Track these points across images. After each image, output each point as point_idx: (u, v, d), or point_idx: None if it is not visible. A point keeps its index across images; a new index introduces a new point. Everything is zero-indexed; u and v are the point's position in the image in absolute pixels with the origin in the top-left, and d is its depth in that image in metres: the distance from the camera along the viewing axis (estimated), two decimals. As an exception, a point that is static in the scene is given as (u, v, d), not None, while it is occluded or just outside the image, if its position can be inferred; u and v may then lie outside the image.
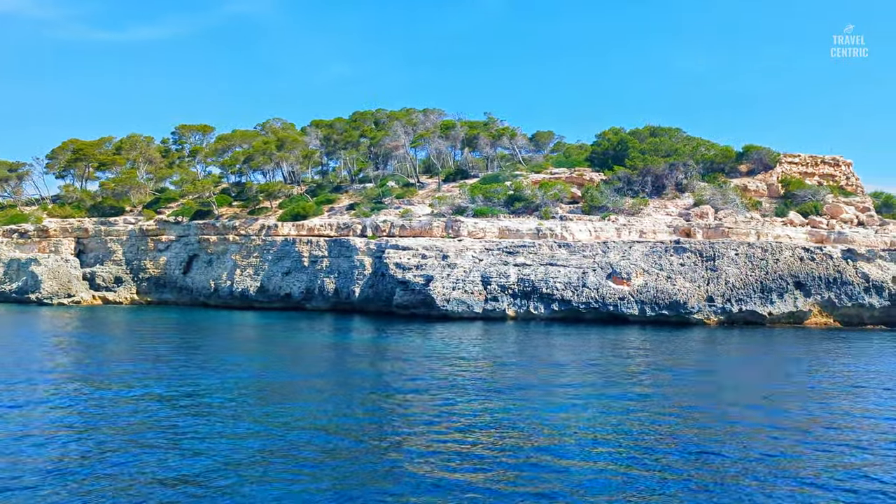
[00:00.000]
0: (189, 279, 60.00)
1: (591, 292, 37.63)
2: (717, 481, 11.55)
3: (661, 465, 12.36)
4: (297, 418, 15.67)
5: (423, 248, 43.85)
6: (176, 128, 75.65)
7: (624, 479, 11.55)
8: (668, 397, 18.34)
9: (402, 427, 14.95)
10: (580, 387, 19.52)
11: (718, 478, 11.73)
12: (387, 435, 14.28)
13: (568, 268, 39.25)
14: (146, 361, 24.23)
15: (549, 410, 16.62)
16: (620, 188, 49.33)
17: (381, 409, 16.85)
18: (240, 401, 17.66)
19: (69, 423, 15.09)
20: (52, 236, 65.70)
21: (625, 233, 44.21)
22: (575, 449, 13.31)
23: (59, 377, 21.00)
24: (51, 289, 57.78)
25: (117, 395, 18.24)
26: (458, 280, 40.28)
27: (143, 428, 14.76)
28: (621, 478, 11.65)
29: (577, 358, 25.42)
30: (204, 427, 14.79)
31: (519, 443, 13.72)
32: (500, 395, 18.36)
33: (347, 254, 49.10)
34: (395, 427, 14.95)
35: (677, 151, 50.21)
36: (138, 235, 63.16)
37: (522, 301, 38.97)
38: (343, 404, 17.30)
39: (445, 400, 17.69)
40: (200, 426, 14.88)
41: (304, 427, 14.84)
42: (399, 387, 19.56)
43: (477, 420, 15.62)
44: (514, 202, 49.84)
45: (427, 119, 60.72)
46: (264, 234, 54.84)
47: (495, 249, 42.29)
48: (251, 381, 20.60)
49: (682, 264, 38.08)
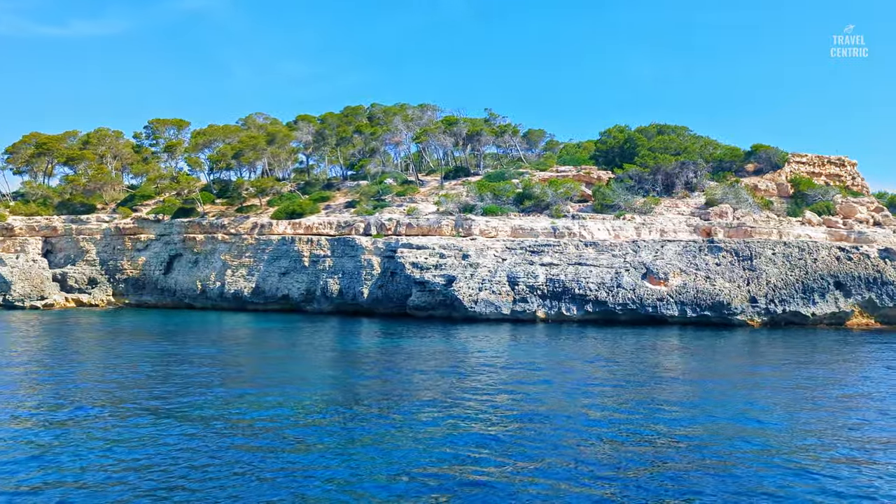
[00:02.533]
0: (171, 280, 55.58)
1: (627, 293, 35.34)
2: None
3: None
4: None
5: (441, 248, 40.91)
6: (149, 122, 70.72)
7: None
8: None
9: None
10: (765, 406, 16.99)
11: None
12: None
13: (599, 267, 36.90)
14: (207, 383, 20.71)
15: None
16: (632, 186, 47.37)
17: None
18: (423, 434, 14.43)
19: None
20: (18, 235, 60.27)
21: (644, 232, 42.16)
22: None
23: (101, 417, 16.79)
24: (22, 291, 52.63)
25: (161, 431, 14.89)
26: (483, 280, 37.50)
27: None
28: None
29: (698, 367, 22.64)
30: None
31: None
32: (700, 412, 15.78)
33: (352, 253, 45.74)
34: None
35: (687, 150, 48.51)
36: (114, 234, 58.35)
37: (553, 302, 36.43)
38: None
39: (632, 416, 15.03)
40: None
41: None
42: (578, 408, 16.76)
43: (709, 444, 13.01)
44: (523, 200, 47.34)
45: (423, 114, 57.70)
46: (257, 233, 50.95)
47: (518, 248, 39.66)
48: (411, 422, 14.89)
49: (717, 264, 36.15)
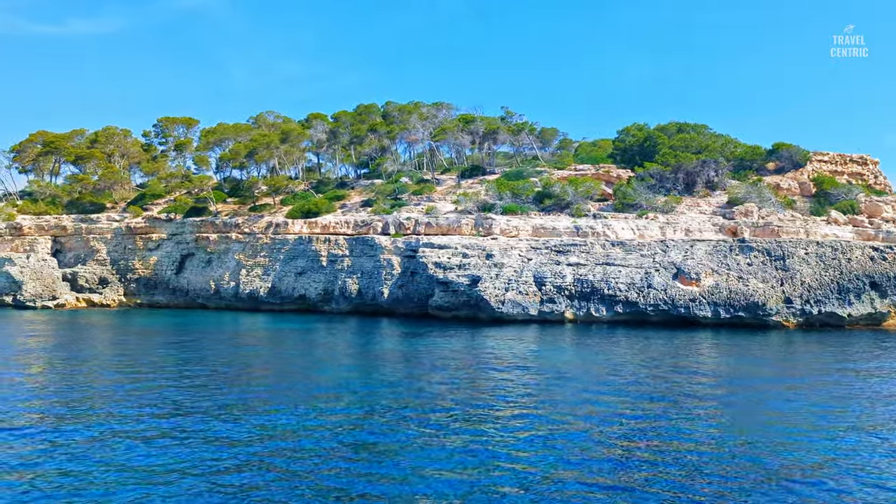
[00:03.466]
0: (183, 280, 54.47)
1: (658, 293, 34.39)
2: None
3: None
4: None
5: (464, 247, 39.91)
6: (158, 120, 69.55)
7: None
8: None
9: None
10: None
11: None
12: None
13: (628, 267, 35.94)
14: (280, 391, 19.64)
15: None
16: (653, 185, 46.43)
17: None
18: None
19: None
20: (27, 234, 59.13)
21: (669, 231, 41.22)
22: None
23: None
24: (34, 290, 51.47)
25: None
26: (509, 281, 36.51)
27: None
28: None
29: (748, 371, 21.65)
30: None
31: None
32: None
33: (371, 252, 44.71)
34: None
35: (708, 148, 47.58)
36: (125, 234, 57.20)
37: (581, 303, 35.46)
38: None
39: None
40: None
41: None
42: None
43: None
44: (543, 199, 46.36)
45: (438, 113, 56.64)
46: (272, 232, 49.86)
47: (543, 248, 38.69)
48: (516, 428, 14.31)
49: (749, 264, 35.22)
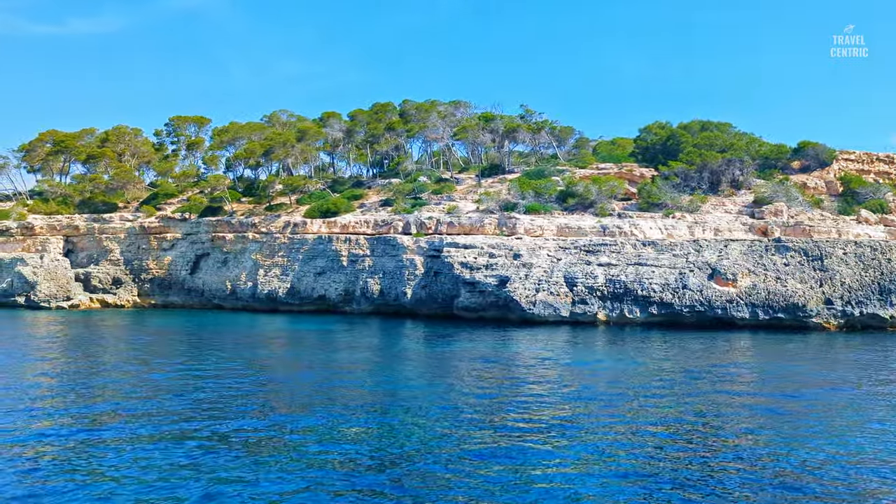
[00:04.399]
0: (198, 280, 53.35)
1: (694, 294, 33.35)
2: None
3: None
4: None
5: (490, 247, 38.85)
6: (170, 119, 68.41)
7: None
8: None
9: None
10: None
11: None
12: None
13: (661, 268, 34.90)
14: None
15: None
16: (678, 184, 45.40)
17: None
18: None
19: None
20: (38, 234, 58.02)
21: (698, 231, 40.18)
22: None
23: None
24: (48, 291, 50.33)
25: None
26: (539, 281, 35.44)
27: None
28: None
29: (803, 376, 20.57)
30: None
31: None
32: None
33: (393, 252, 43.63)
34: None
35: (733, 146, 46.56)
36: (138, 233, 56.07)
37: (614, 304, 34.40)
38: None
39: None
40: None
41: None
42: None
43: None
44: (566, 198, 45.32)
45: (456, 111, 55.59)
46: (290, 232, 48.76)
47: (572, 248, 37.63)
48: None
49: (785, 264, 34.19)
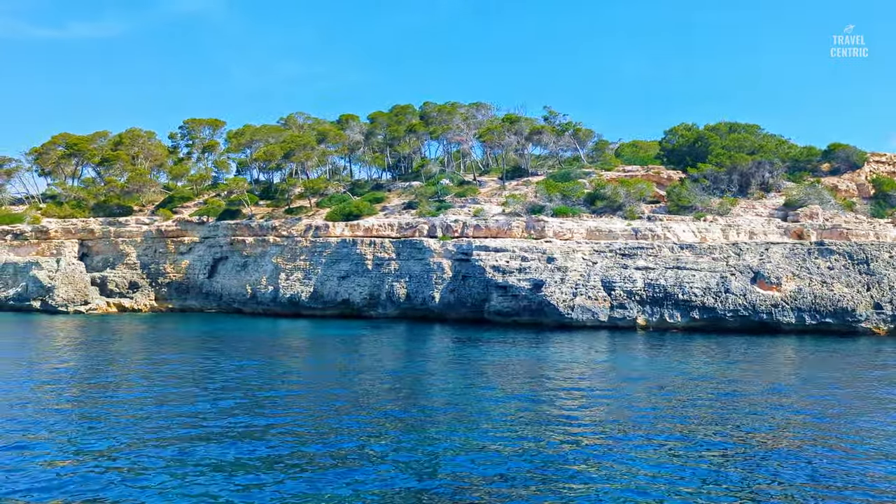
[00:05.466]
0: (217, 284, 52.11)
1: (737, 299, 32.23)
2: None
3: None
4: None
5: (522, 250, 37.70)
6: (184, 122, 67.16)
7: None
8: None
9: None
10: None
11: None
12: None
13: (701, 271, 33.78)
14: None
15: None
16: (707, 187, 44.33)
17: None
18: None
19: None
20: (53, 238, 56.81)
21: (732, 234, 39.09)
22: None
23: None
24: (66, 295, 49.07)
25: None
26: (576, 285, 34.30)
27: None
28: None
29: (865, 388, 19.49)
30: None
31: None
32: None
33: (419, 256, 42.47)
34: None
35: (762, 149, 45.52)
36: (155, 237, 54.85)
37: (654, 308, 33.26)
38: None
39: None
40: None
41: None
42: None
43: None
44: (594, 201, 44.22)
45: (478, 113, 54.51)
46: (312, 235, 47.59)
47: (607, 251, 36.50)
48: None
49: (830, 268, 33.10)
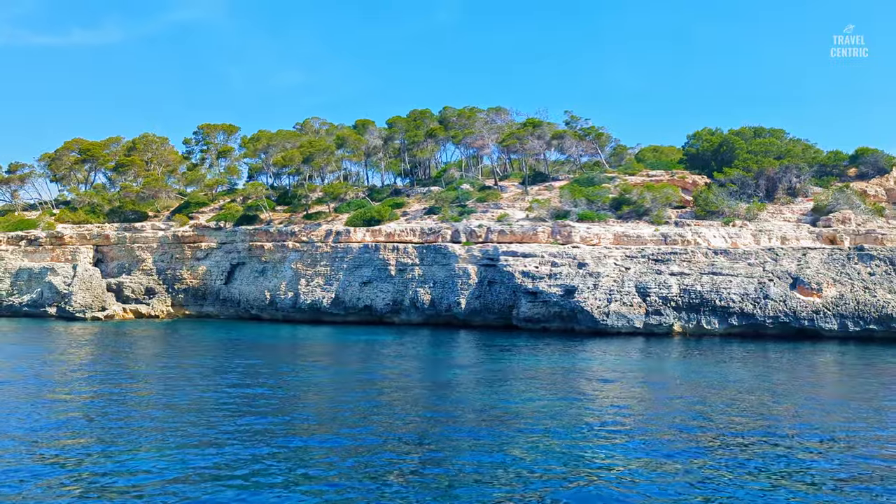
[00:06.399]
0: (234, 290, 51.08)
1: (777, 305, 31.26)
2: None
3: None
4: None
5: (552, 255, 36.74)
6: (199, 127, 66.35)
7: None
8: None
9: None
10: None
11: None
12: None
13: (738, 277, 32.81)
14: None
15: None
16: (734, 191, 43.42)
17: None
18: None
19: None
20: (68, 243, 55.85)
21: (764, 239, 38.15)
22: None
23: None
24: (83, 301, 48.05)
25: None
26: (610, 291, 33.33)
27: None
28: None
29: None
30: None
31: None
32: None
33: (444, 261, 41.49)
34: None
35: (789, 153, 44.64)
36: (171, 242, 53.86)
37: (691, 315, 32.29)
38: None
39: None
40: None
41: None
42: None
43: None
44: (620, 206, 43.31)
45: (497, 118, 53.66)
46: (333, 241, 46.63)
47: (640, 257, 35.54)
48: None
49: (871, 273, 32.15)
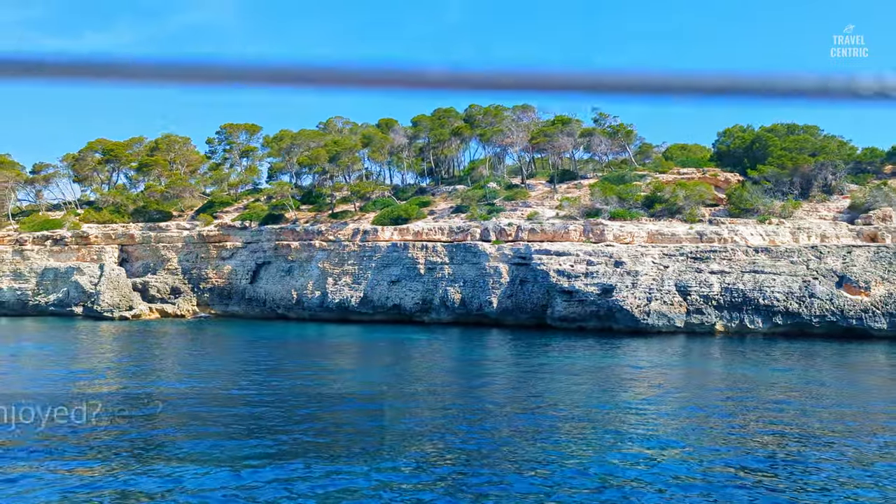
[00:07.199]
0: (260, 289, 50.49)
1: (823, 304, 30.29)
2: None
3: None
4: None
5: (587, 254, 35.89)
6: (221, 127, 65.89)
7: None
8: None
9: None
10: None
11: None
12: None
13: (781, 276, 31.85)
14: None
15: None
16: (768, 189, 42.41)
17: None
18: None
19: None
20: (94, 243, 55.48)
21: (802, 237, 37.17)
22: None
23: None
24: (111, 301, 47.60)
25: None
26: (650, 290, 32.45)
27: None
28: None
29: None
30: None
31: None
32: None
33: (474, 260, 40.70)
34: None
35: (825, 149, 43.56)
36: (197, 242, 53.38)
37: (733, 314, 31.36)
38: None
39: None
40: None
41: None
42: None
43: None
44: (653, 204, 42.38)
45: (524, 116, 52.84)
46: (360, 240, 45.96)
47: (678, 255, 34.64)
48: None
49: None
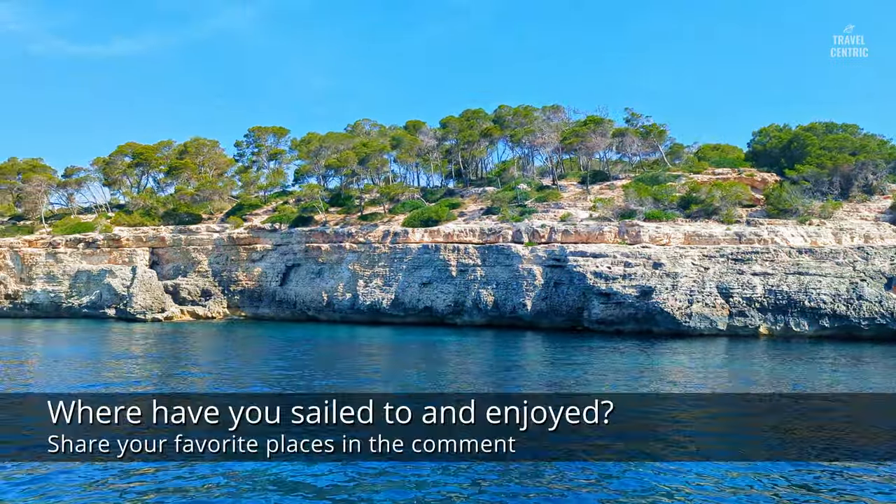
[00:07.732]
0: (290, 291, 50.29)
1: (872, 306, 29.33)
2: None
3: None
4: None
5: (625, 255, 35.16)
6: (249, 130, 66.02)
7: None
8: None
9: None
10: None
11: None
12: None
13: (827, 277, 30.93)
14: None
15: None
16: (807, 189, 41.39)
17: None
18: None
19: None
20: (125, 246, 55.71)
21: (845, 238, 36.16)
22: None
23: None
24: (144, 303, 47.66)
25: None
26: (691, 292, 31.65)
27: None
28: None
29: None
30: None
31: None
32: None
33: (507, 262, 40.12)
34: None
35: (865, 148, 42.46)
36: (227, 244, 53.34)
37: (778, 316, 30.47)
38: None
39: None
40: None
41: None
42: None
43: None
44: (689, 205, 41.54)
45: (554, 116, 52.24)
46: (391, 242, 45.57)
47: (718, 256, 33.79)
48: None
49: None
